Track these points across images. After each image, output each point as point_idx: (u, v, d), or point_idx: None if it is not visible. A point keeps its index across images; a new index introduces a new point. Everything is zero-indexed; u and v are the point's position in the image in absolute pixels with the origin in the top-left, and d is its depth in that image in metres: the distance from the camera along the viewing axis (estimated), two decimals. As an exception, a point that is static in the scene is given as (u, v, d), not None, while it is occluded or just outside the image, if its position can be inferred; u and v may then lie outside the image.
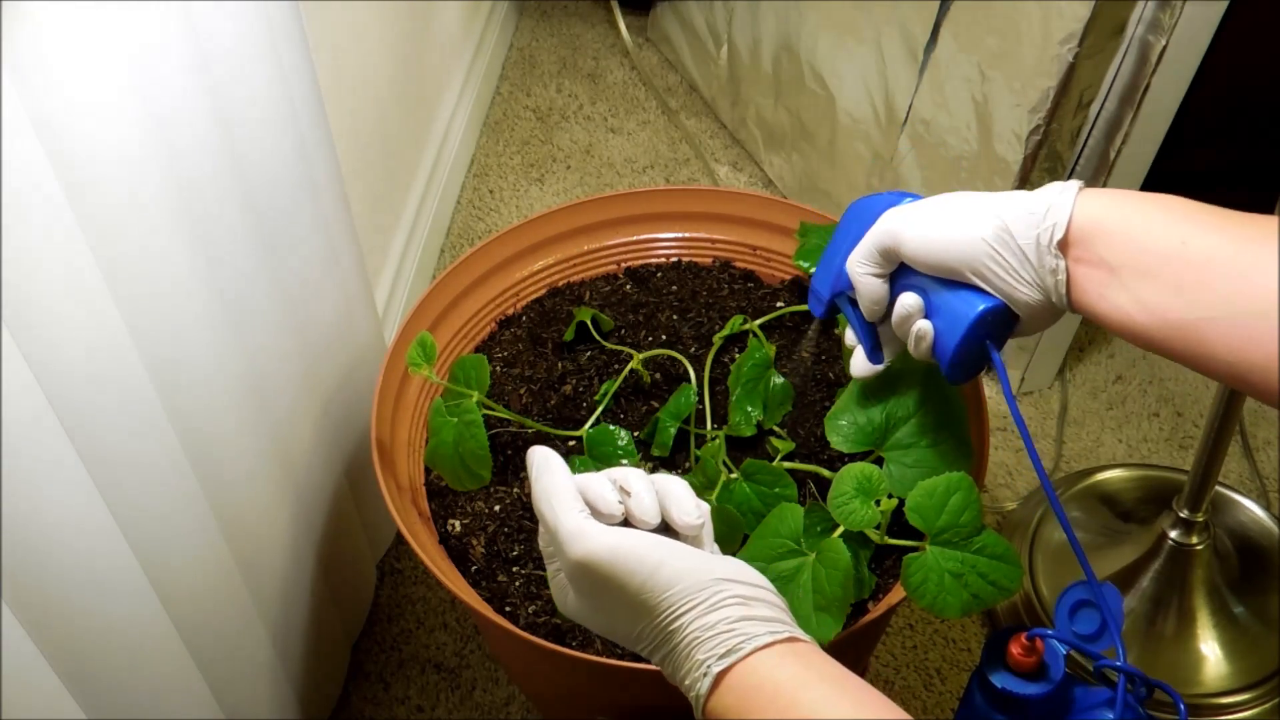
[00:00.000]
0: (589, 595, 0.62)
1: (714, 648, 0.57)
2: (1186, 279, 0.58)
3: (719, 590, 0.58)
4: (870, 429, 0.82)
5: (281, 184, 0.83)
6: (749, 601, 0.58)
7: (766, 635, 0.57)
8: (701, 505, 0.63)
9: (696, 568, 0.59)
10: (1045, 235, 0.62)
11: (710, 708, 0.57)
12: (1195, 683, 1.09)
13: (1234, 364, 0.57)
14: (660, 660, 0.60)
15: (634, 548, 0.59)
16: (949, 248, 0.66)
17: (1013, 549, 0.74)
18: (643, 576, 0.58)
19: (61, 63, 0.56)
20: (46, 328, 0.58)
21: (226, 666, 0.83)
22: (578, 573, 0.61)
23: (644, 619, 0.59)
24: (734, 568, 0.60)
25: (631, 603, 0.59)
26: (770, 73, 1.57)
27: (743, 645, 0.56)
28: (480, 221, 1.62)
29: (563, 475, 0.63)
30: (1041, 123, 1.13)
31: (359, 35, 1.23)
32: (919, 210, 0.69)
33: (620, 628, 0.61)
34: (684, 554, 0.60)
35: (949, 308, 0.68)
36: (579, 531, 0.60)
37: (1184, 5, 1.03)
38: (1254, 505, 1.22)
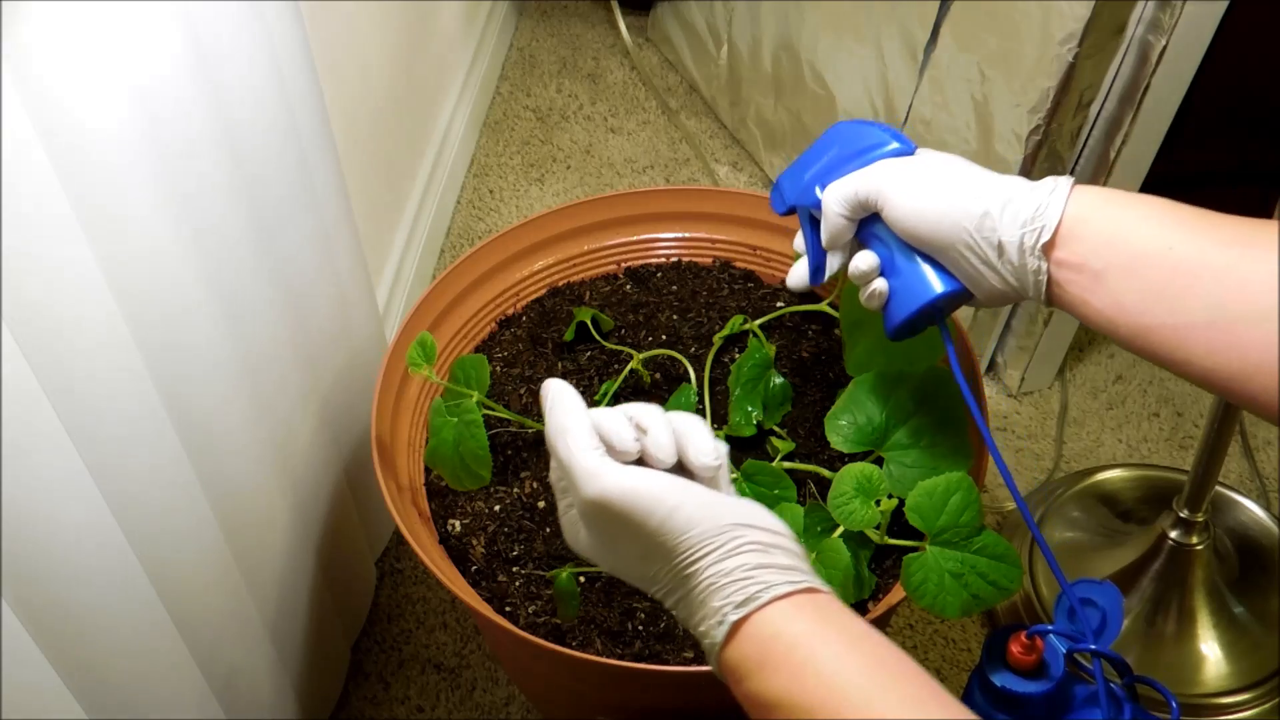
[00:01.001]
0: (601, 535, 0.60)
1: (730, 595, 0.55)
2: (1170, 283, 0.58)
3: (737, 535, 0.56)
4: (870, 429, 0.82)
5: (281, 184, 0.83)
6: (768, 549, 0.56)
7: (785, 584, 0.55)
8: (719, 446, 0.61)
9: (714, 511, 0.57)
10: (1031, 237, 0.62)
11: (725, 657, 0.55)
12: (1195, 683, 1.09)
13: (1212, 369, 0.57)
14: (673, 604, 0.58)
15: (650, 489, 0.57)
16: (932, 225, 0.66)
17: (1013, 549, 0.74)
18: (658, 519, 0.57)
19: (61, 63, 0.56)
20: (46, 326, 0.58)
21: (226, 666, 0.83)
22: (591, 512, 0.59)
23: (658, 562, 0.58)
24: (752, 511, 0.58)
25: (646, 545, 0.58)
26: (770, 73, 1.57)
27: (760, 594, 0.54)
28: (480, 221, 1.62)
29: (578, 410, 0.61)
30: (1041, 123, 1.13)
31: (359, 35, 1.23)
32: (909, 174, 0.68)
33: (632, 569, 0.60)
34: (701, 497, 0.58)
35: (907, 278, 0.68)
36: (594, 470, 0.58)
37: (1184, 5, 1.03)
38: (1254, 505, 1.22)
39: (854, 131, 0.72)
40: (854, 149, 0.71)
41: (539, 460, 0.93)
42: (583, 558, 0.63)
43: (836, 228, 0.71)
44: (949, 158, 0.69)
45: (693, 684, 0.77)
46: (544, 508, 0.91)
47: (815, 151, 0.73)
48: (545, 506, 0.91)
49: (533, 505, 0.91)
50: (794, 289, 0.78)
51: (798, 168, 0.74)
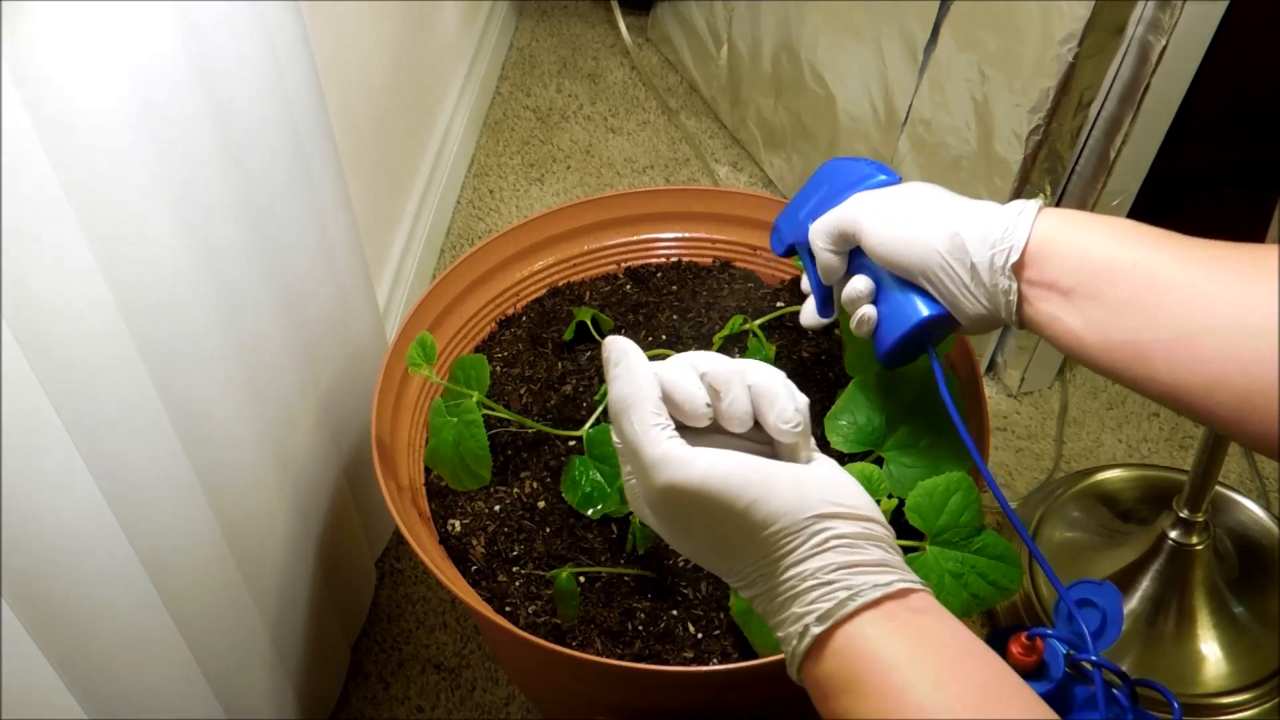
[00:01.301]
0: (670, 522, 0.55)
1: (813, 602, 0.51)
2: (1135, 297, 0.59)
3: (820, 530, 0.52)
4: (870, 429, 0.82)
5: (280, 183, 0.83)
6: (855, 542, 0.52)
7: (873, 590, 0.50)
8: (802, 404, 0.56)
9: (796, 503, 0.52)
10: (1000, 257, 0.63)
11: (808, 670, 0.52)
12: (1195, 683, 1.09)
13: (1173, 385, 0.57)
14: (751, 598, 0.55)
15: (727, 479, 0.52)
16: (905, 251, 0.67)
17: (1012, 549, 0.74)
18: (737, 512, 0.52)
19: (60, 65, 0.56)
20: (45, 325, 0.58)
21: (226, 666, 0.83)
22: (659, 500, 0.54)
23: (735, 556, 0.54)
24: (836, 493, 0.53)
25: (721, 538, 0.53)
26: (770, 73, 1.57)
27: (847, 603, 0.50)
28: (480, 221, 1.62)
29: (645, 378, 0.55)
30: (1041, 123, 1.13)
31: (359, 35, 1.23)
32: (883, 204, 0.69)
33: (705, 558, 0.56)
34: (781, 486, 0.52)
35: (894, 304, 0.70)
36: (664, 458, 0.53)
37: (1184, 5, 1.03)
38: (1254, 505, 1.22)
39: (842, 168, 0.74)
40: (841, 184, 0.73)
41: (539, 460, 0.93)
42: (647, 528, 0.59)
43: (826, 263, 0.73)
44: (924, 186, 0.70)
45: (693, 684, 0.77)
46: (544, 508, 0.91)
47: (808, 190, 0.75)
48: (545, 506, 0.91)
49: (533, 505, 0.91)
50: (809, 327, 0.79)
51: (793, 208, 0.76)
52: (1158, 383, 0.58)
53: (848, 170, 0.73)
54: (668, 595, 0.86)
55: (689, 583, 0.86)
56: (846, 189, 0.72)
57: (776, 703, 0.86)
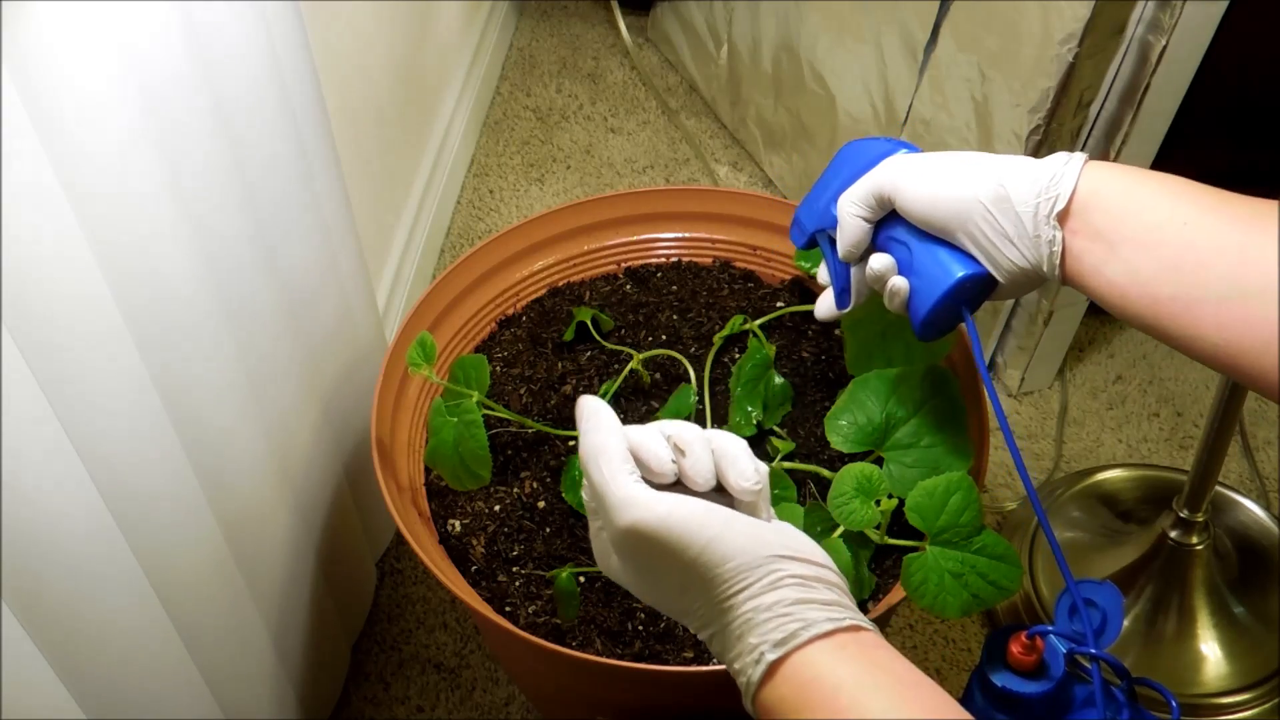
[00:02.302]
0: (634, 564, 0.58)
1: (768, 633, 0.53)
2: (1183, 257, 0.58)
3: (776, 569, 0.54)
4: (870, 429, 0.82)
5: (281, 184, 0.83)
6: (808, 583, 0.54)
7: (826, 622, 0.53)
8: (761, 468, 0.58)
9: (753, 544, 0.55)
10: (1046, 205, 0.62)
11: (762, 697, 0.53)
12: (1195, 683, 1.09)
13: (1222, 345, 0.57)
14: (708, 638, 0.57)
15: (685, 520, 0.55)
16: (946, 204, 0.66)
17: (1013, 549, 0.74)
18: (694, 551, 0.54)
19: (61, 65, 0.56)
20: (45, 325, 0.58)
21: (226, 666, 0.83)
22: (624, 541, 0.57)
23: (693, 595, 0.56)
24: (793, 542, 0.56)
25: (681, 577, 0.55)
26: (770, 73, 1.57)
27: (800, 633, 0.52)
28: (480, 221, 1.62)
29: (613, 432, 0.58)
30: (1041, 123, 1.13)
31: (359, 36, 1.23)
32: (921, 162, 0.69)
33: (666, 600, 0.58)
34: (739, 527, 0.55)
35: (929, 268, 0.69)
36: (629, 499, 0.56)
37: (1184, 5, 1.03)
38: (1254, 505, 1.22)
39: (863, 147, 0.73)
40: (865, 161, 0.72)
41: (539, 460, 0.93)
42: (614, 581, 0.61)
43: (853, 229, 0.71)
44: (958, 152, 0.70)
45: (693, 684, 0.77)
46: (544, 508, 0.91)
47: (829, 176, 0.75)
48: (545, 506, 0.91)
49: (533, 505, 0.91)
50: (824, 319, 0.78)
51: (813, 196, 0.76)
52: (1205, 341, 0.57)
53: (869, 148, 0.73)
54: (668, 595, 0.86)
55: (689, 583, 0.86)
56: (871, 164, 0.72)
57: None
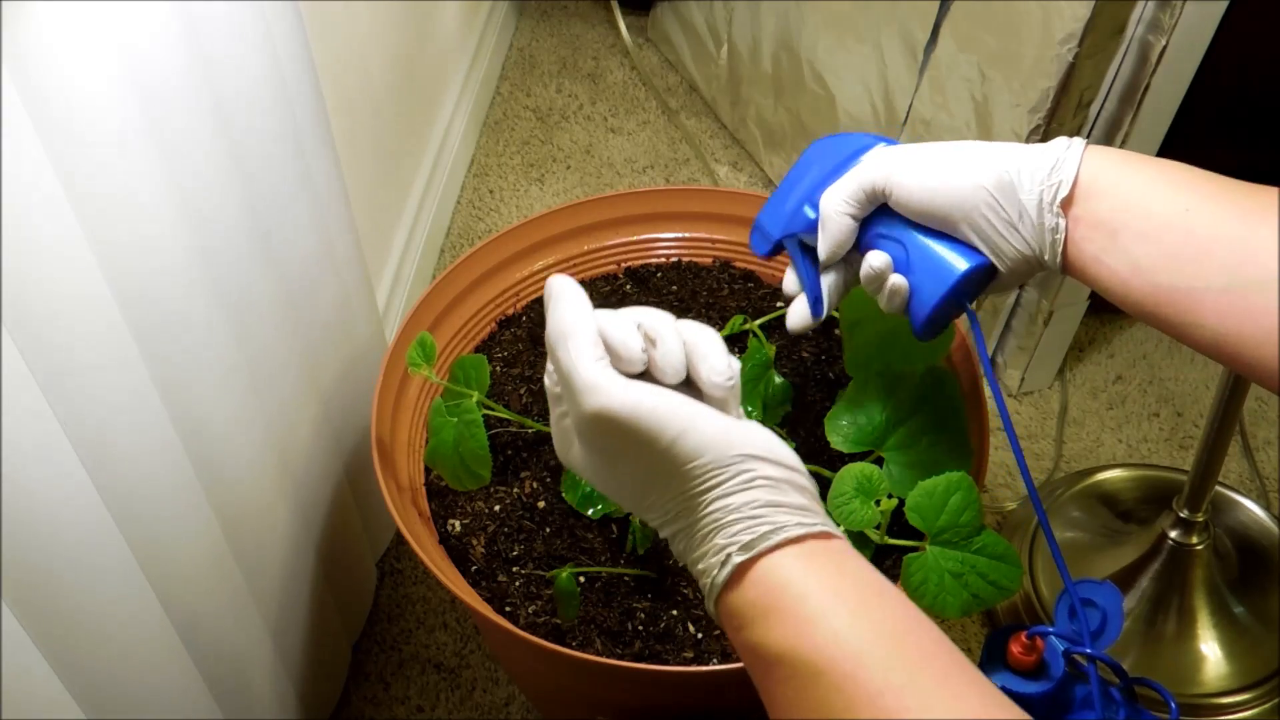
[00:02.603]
0: (599, 453, 0.55)
1: (736, 534, 0.51)
2: (1185, 246, 0.58)
3: (748, 469, 0.52)
4: (870, 429, 0.82)
5: (280, 183, 0.83)
6: (779, 485, 0.52)
7: (797, 526, 0.51)
8: (733, 363, 0.56)
9: (726, 438, 0.52)
10: (1049, 192, 0.61)
11: (726, 600, 0.52)
12: (1195, 683, 1.09)
13: (1223, 335, 0.56)
14: (671, 535, 0.55)
15: (655, 408, 0.52)
16: (948, 194, 0.64)
17: (1013, 549, 0.74)
18: (664, 443, 0.52)
19: (61, 64, 0.56)
20: (45, 324, 0.58)
21: (226, 666, 0.83)
22: (589, 427, 0.54)
23: (659, 489, 0.53)
24: (764, 440, 0.54)
25: (647, 470, 0.53)
26: (770, 73, 1.57)
27: (770, 535, 0.50)
28: (480, 221, 1.62)
29: (582, 311, 0.55)
30: (1041, 123, 1.13)
31: (359, 35, 1.23)
32: (915, 154, 0.66)
33: (629, 493, 0.55)
34: (711, 421, 0.53)
35: (929, 264, 0.67)
36: (596, 383, 0.53)
37: (1184, 5, 1.03)
38: (1254, 505, 1.22)
39: (835, 144, 0.70)
40: (839, 158, 0.69)
41: (539, 460, 0.93)
42: (574, 472, 0.58)
43: (841, 231, 0.69)
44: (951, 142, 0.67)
45: (693, 684, 0.77)
46: (544, 508, 0.91)
47: (794, 177, 0.71)
48: (545, 506, 0.91)
49: (533, 505, 0.91)
50: (797, 331, 0.73)
51: (777, 200, 0.72)
52: (1205, 329, 0.57)
53: (841, 144, 0.70)
54: (668, 595, 0.86)
55: (689, 583, 0.86)
56: (848, 160, 0.69)
57: (776, 703, 0.86)
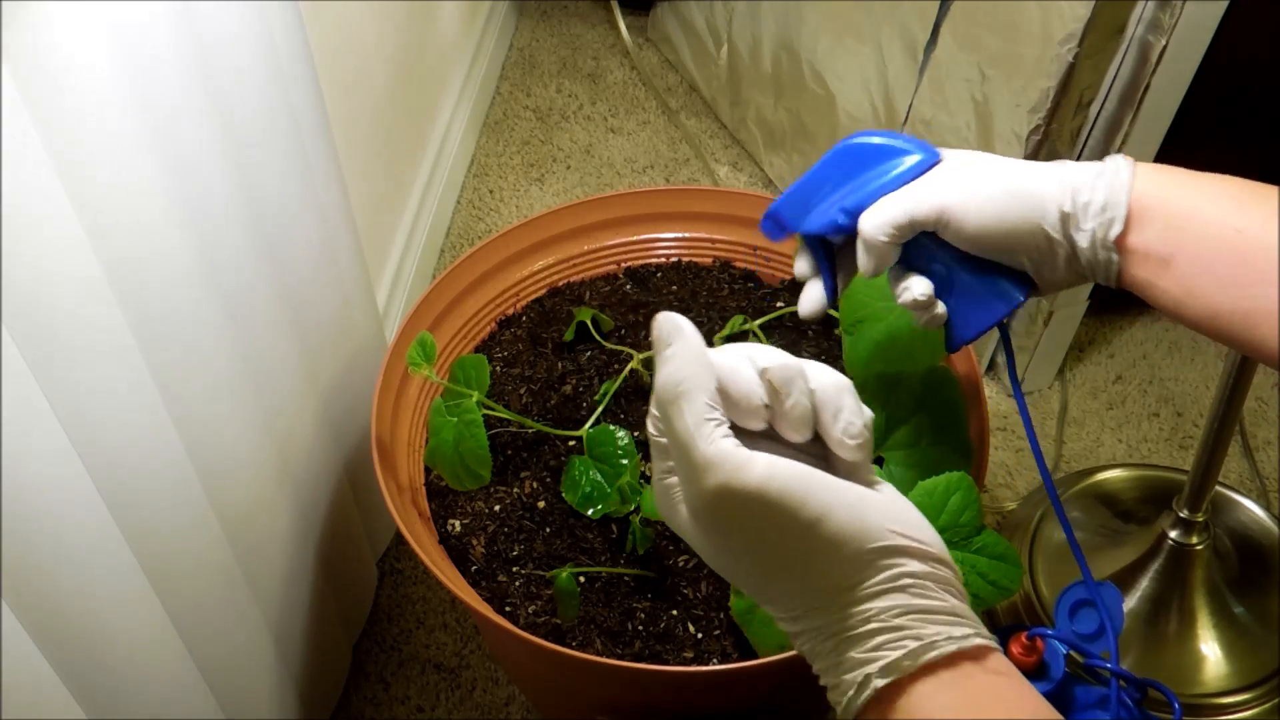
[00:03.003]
0: (716, 533, 0.48)
1: (878, 649, 0.44)
2: (1240, 267, 0.57)
3: (890, 565, 0.45)
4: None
5: (281, 183, 0.83)
6: (925, 585, 0.45)
7: (948, 643, 0.44)
8: (867, 415, 0.49)
9: (863, 526, 0.45)
10: (1102, 229, 0.60)
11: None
12: (1195, 683, 1.09)
13: None
14: (795, 633, 0.48)
15: (787, 489, 0.45)
16: (1004, 237, 0.62)
17: (1013, 549, 0.74)
18: (797, 530, 0.45)
19: (61, 64, 0.56)
20: (43, 323, 0.58)
21: (227, 666, 0.83)
22: (708, 506, 0.46)
23: (786, 581, 0.46)
24: (905, 521, 0.47)
25: (773, 560, 0.46)
26: (770, 73, 1.57)
27: (918, 655, 0.44)
28: (480, 221, 1.62)
29: (702, 366, 0.48)
30: (1041, 123, 1.13)
31: (359, 36, 1.23)
32: (970, 187, 0.63)
33: (747, 581, 0.48)
34: (848, 501, 0.46)
35: (975, 293, 0.66)
36: (719, 458, 0.45)
37: (1184, 5, 1.03)
38: (1254, 505, 1.22)
39: (866, 152, 0.67)
40: (873, 165, 0.67)
41: (539, 460, 0.93)
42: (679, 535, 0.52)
43: (885, 255, 0.65)
44: (987, 158, 0.65)
45: (693, 684, 0.77)
46: (544, 508, 0.91)
47: (823, 176, 0.69)
48: (545, 506, 0.91)
49: (533, 505, 0.91)
50: (809, 317, 0.71)
51: (800, 194, 0.70)
52: (1265, 347, 0.56)
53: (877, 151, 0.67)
54: (668, 595, 0.86)
55: (689, 583, 0.86)
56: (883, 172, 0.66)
57: (776, 703, 0.86)
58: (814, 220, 0.69)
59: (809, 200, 0.69)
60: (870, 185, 0.66)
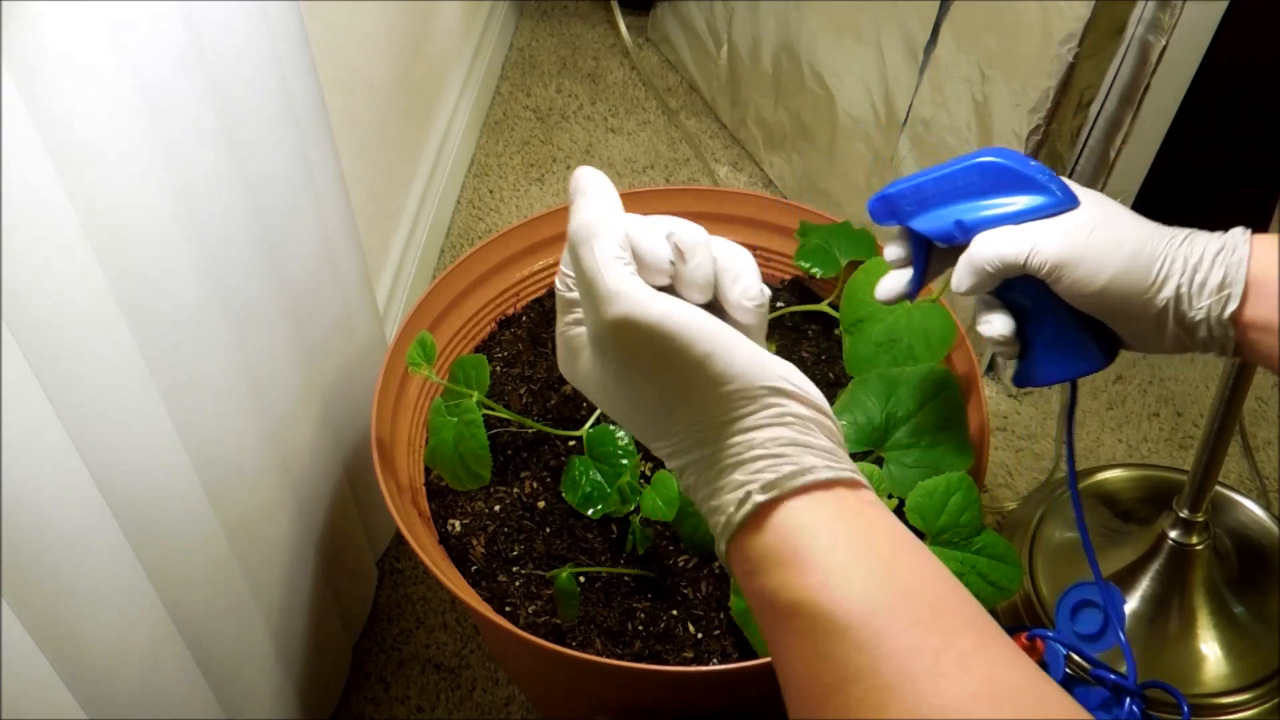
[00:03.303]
0: (614, 368, 0.50)
1: (759, 471, 0.46)
2: None
3: (778, 403, 0.48)
4: (870, 429, 0.82)
5: (281, 183, 0.83)
6: (808, 424, 0.48)
7: (826, 470, 0.46)
8: (765, 289, 0.52)
9: (756, 368, 0.48)
10: (1218, 306, 0.59)
11: (740, 542, 0.47)
12: (1195, 683, 1.09)
13: None
14: (681, 466, 0.50)
15: (686, 325, 0.47)
16: (1115, 304, 0.62)
17: (1012, 549, 0.74)
18: (692, 362, 0.47)
19: (62, 65, 0.56)
20: (45, 326, 0.58)
21: (228, 667, 0.83)
22: (609, 337, 0.49)
23: (677, 413, 0.49)
24: (794, 374, 0.50)
25: (667, 391, 0.48)
26: (770, 73, 1.57)
27: (797, 476, 0.46)
28: (480, 221, 1.62)
29: (612, 213, 0.51)
30: (1041, 123, 1.13)
31: (359, 35, 1.23)
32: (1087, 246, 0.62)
33: (642, 415, 0.50)
34: (742, 346, 0.48)
35: (1060, 341, 0.65)
36: (621, 291, 0.48)
37: (1184, 5, 1.03)
38: (1254, 505, 1.22)
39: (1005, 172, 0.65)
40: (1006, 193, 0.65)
41: (539, 460, 0.93)
42: (576, 388, 0.54)
43: (983, 281, 0.65)
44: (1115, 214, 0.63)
45: (693, 684, 0.77)
46: (544, 508, 0.91)
47: (952, 179, 0.67)
48: (545, 506, 0.91)
49: (533, 505, 0.91)
50: (884, 301, 0.72)
51: (924, 191, 0.68)
52: None
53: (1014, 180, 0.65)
54: (668, 595, 0.86)
55: (689, 583, 0.86)
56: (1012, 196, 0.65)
57: (776, 703, 0.86)
58: (928, 221, 0.68)
59: (930, 200, 0.68)
60: (996, 210, 0.65)
